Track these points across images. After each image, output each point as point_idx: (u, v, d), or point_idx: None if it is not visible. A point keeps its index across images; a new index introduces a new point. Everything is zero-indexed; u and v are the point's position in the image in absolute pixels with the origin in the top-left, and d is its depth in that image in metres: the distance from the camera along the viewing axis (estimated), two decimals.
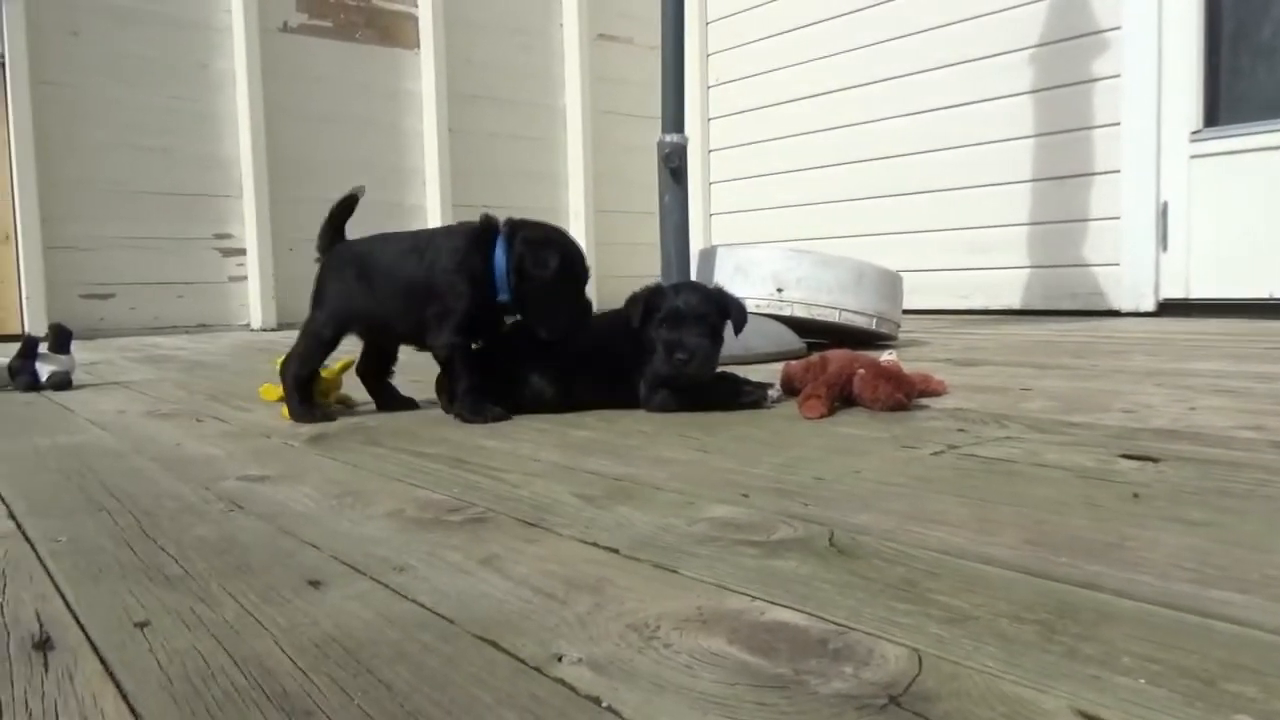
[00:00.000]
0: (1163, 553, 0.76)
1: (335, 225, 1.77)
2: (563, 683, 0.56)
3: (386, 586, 0.74)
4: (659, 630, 0.63)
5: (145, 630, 0.66)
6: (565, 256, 1.62)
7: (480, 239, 1.63)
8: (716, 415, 1.58)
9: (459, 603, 0.70)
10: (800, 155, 5.21)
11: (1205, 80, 3.74)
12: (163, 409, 1.90)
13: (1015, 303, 4.34)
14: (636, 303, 1.65)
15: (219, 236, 5.02)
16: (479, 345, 1.68)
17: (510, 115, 5.87)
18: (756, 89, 5.46)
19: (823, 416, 1.50)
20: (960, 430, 1.35)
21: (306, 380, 1.68)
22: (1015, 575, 0.72)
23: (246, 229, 5.02)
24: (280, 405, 1.74)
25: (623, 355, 1.67)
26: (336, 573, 0.78)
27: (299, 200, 5.14)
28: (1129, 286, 3.92)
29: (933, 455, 1.18)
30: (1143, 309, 3.87)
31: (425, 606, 0.69)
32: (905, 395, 1.54)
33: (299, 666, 0.59)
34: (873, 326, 2.70)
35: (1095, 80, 4.00)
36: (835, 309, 2.63)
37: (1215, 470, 1.05)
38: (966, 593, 0.68)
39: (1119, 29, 3.89)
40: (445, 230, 1.71)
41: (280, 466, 1.26)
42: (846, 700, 0.52)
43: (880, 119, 4.79)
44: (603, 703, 0.53)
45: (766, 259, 2.70)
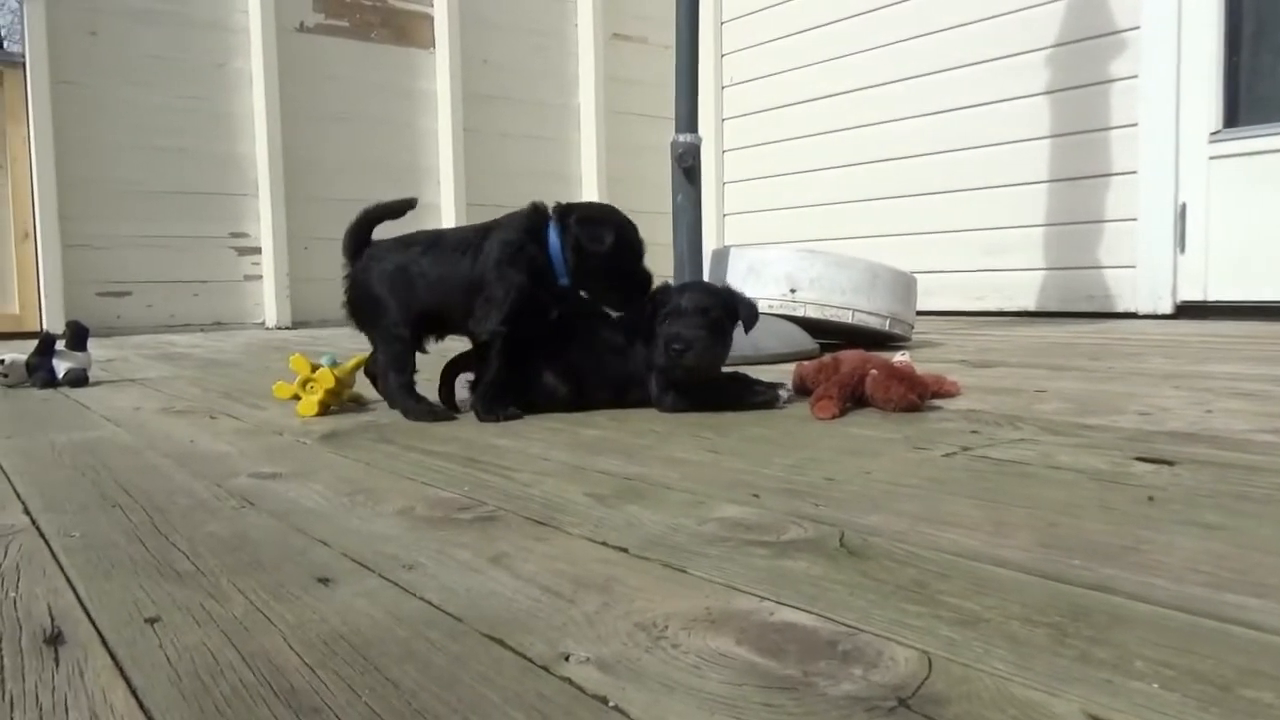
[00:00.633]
0: (1178, 556, 0.75)
1: (368, 229, 1.74)
2: (570, 682, 0.55)
3: (395, 584, 0.74)
4: (667, 630, 0.63)
5: (155, 626, 0.66)
6: (620, 230, 1.64)
7: (533, 227, 1.65)
8: (728, 415, 1.58)
9: (467, 601, 0.70)
10: (815, 156, 5.20)
11: (1225, 81, 3.71)
12: (177, 406, 1.91)
13: (1031, 304, 4.31)
14: (645, 302, 1.65)
15: (234, 235, 5.05)
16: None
17: (525, 115, 5.87)
18: (771, 89, 5.45)
19: (835, 417, 1.49)
20: (973, 432, 1.34)
21: (412, 384, 1.67)
22: (1028, 578, 0.71)
23: (262, 228, 5.05)
24: (293, 403, 1.74)
25: (635, 355, 1.67)
26: (346, 570, 0.78)
27: (314, 199, 5.16)
28: (1146, 288, 3.89)
29: (945, 457, 1.18)
30: (1160, 311, 3.84)
31: (434, 604, 0.69)
32: (918, 396, 1.53)
33: (307, 663, 0.59)
34: (886, 328, 2.68)
35: (1113, 81, 3.97)
36: (849, 310, 2.62)
37: (1232, 474, 1.04)
38: (978, 595, 0.68)
39: (1138, 29, 3.86)
40: (496, 224, 1.70)
41: (292, 464, 1.26)
42: (855, 702, 0.52)
43: (896, 119, 4.78)
44: (610, 702, 0.53)
45: (779, 259, 2.69)
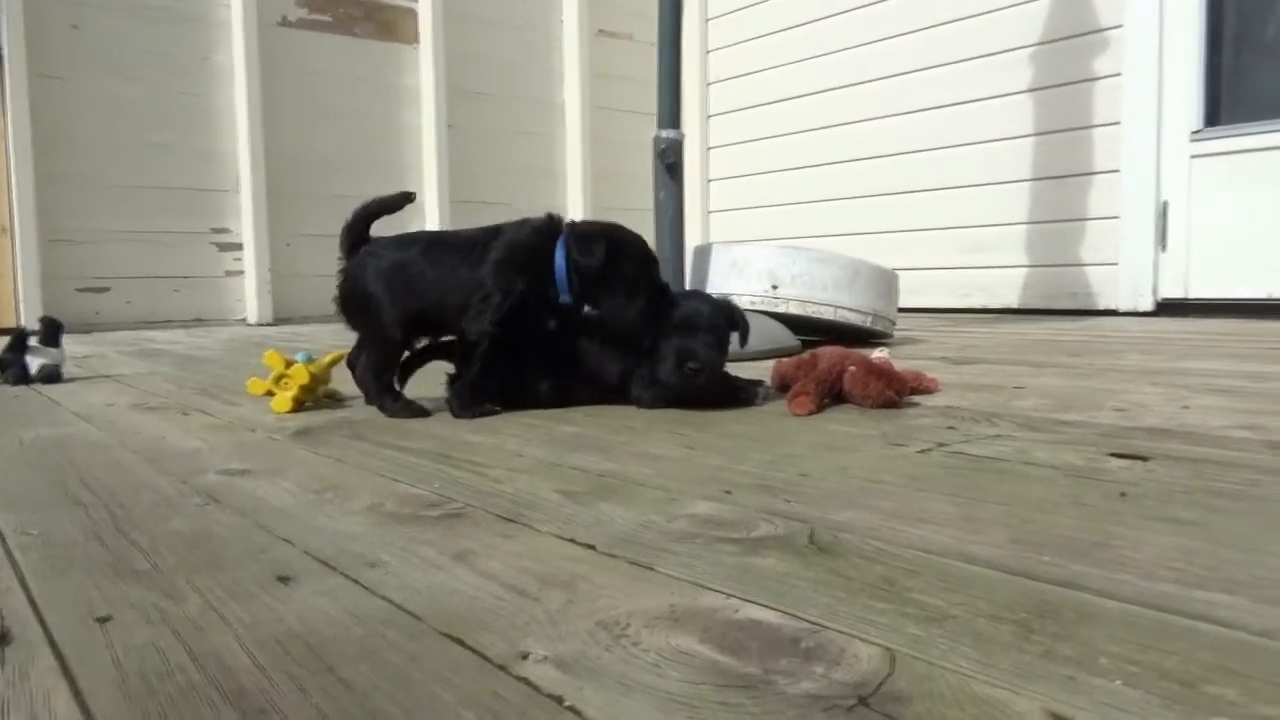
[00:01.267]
0: (1149, 552, 0.75)
1: (365, 224, 1.71)
2: (526, 681, 0.54)
3: (357, 582, 0.73)
4: (629, 628, 0.62)
5: (106, 625, 0.65)
6: (613, 245, 1.59)
7: (543, 238, 1.62)
8: (707, 412, 1.57)
9: (429, 599, 0.69)
10: (800, 153, 5.20)
11: (1206, 80, 3.72)
12: (150, 402, 1.89)
13: (1014, 302, 4.32)
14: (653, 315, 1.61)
15: (216, 231, 5.00)
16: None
17: (509, 111, 5.85)
18: (756, 86, 5.44)
19: (812, 413, 1.49)
20: (950, 428, 1.34)
21: (392, 383, 1.65)
22: (997, 574, 0.71)
23: (244, 224, 5.01)
24: (268, 399, 1.72)
25: (616, 353, 1.66)
26: (308, 568, 0.77)
27: (296, 195, 5.13)
28: (1128, 286, 3.90)
29: (921, 453, 1.17)
30: (1141, 309, 3.85)
31: (394, 603, 0.68)
32: (896, 392, 1.53)
33: (259, 664, 0.58)
34: (868, 324, 2.68)
35: (1096, 79, 3.98)
36: (830, 306, 2.62)
37: (1206, 469, 1.03)
38: (946, 592, 0.67)
39: (1120, 27, 3.87)
40: (505, 227, 1.67)
41: (262, 460, 1.24)
42: (814, 701, 0.51)
43: (881, 116, 4.78)
44: (565, 702, 0.52)
45: (761, 256, 2.68)
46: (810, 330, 2.70)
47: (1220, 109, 3.73)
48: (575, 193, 5.99)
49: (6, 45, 4.36)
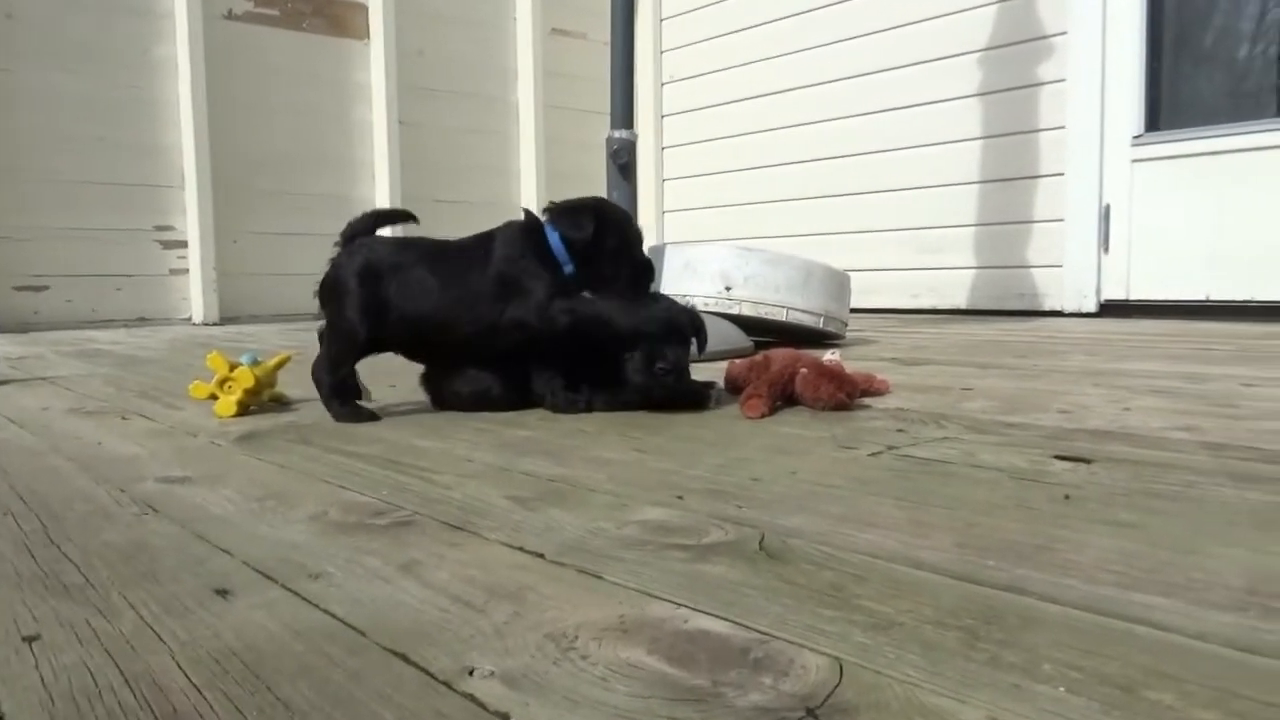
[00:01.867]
0: (1090, 555, 0.76)
1: (371, 227, 1.69)
2: (472, 698, 0.53)
3: (298, 595, 0.71)
4: (577, 641, 0.61)
5: (33, 645, 0.62)
6: (600, 215, 1.64)
7: (529, 229, 1.66)
8: (659, 415, 1.56)
9: (373, 612, 0.67)
10: (753, 153, 5.23)
11: (1147, 85, 3.82)
12: (89, 406, 1.83)
13: (963, 302, 4.39)
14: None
15: (160, 228, 4.88)
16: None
17: (462, 109, 5.79)
18: (710, 87, 5.46)
19: (764, 416, 1.49)
20: (900, 430, 1.35)
21: (345, 382, 1.62)
22: (943, 580, 0.71)
23: (188, 221, 4.89)
24: (210, 403, 1.68)
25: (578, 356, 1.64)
26: (247, 581, 0.75)
27: (243, 192, 5.02)
28: (1072, 287, 3.99)
29: (870, 456, 1.18)
30: (1085, 309, 3.94)
31: (336, 617, 0.66)
32: (847, 395, 1.54)
33: (193, 683, 0.56)
34: (820, 325, 2.70)
35: (1042, 84, 4.06)
36: (783, 308, 2.63)
37: (1145, 471, 1.05)
38: (894, 598, 0.67)
39: (1065, 34, 3.95)
40: (492, 232, 1.68)
41: (203, 467, 1.21)
42: (762, 713, 0.50)
43: (833, 119, 4.82)
44: (510, 718, 0.51)
45: (715, 257, 2.69)
46: (763, 331, 2.72)
47: (1160, 114, 3.83)
48: (530, 191, 5.95)
49: None
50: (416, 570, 0.76)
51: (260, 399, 1.70)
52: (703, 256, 2.71)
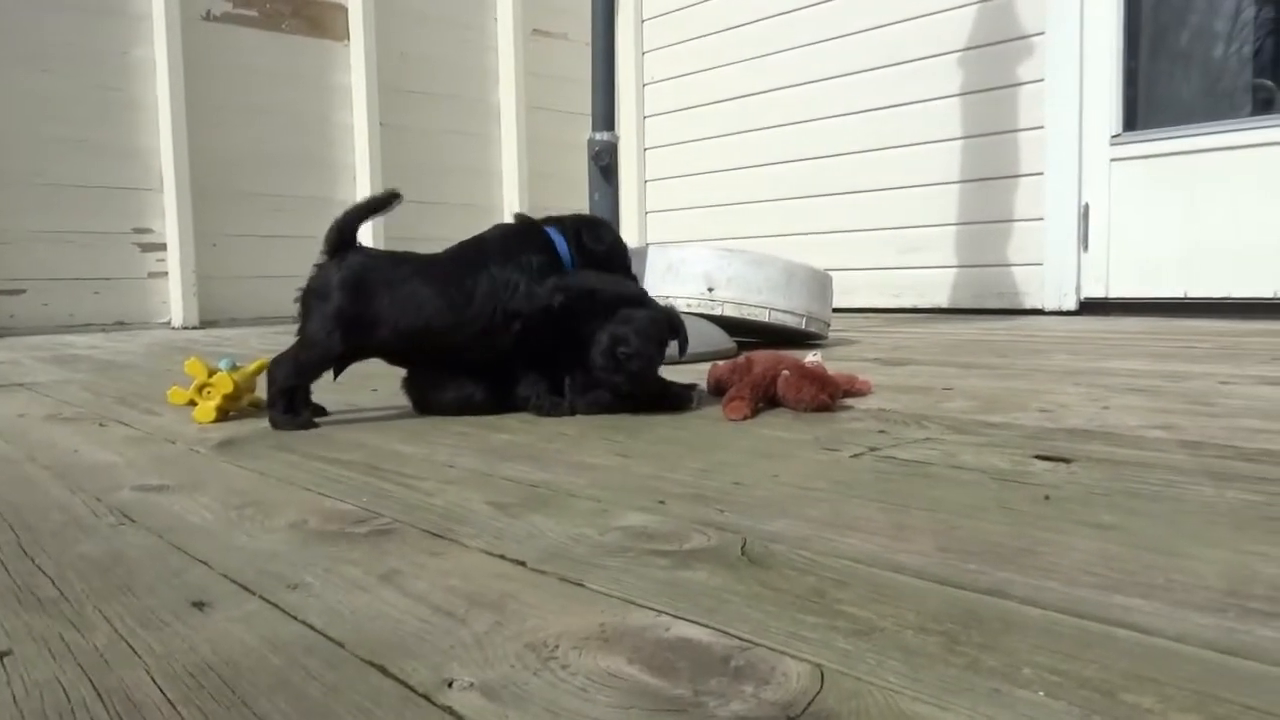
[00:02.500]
0: (1071, 557, 0.76)
1: (353, 225, 1.63)
2: (450, 711, 0.53)
3: (276, 607, 0.70)
4: (558, 650, 0.61)
5: (4, 660, 0.61)
6: (615, 232, 1.72)
7: (531, 227, 1.67)
8: (641, 417, 1.56)
9: (352, 623, 0.66)
10: (736, 154, 5.23)
11: (1124, 85, 3.85)
12: (65, 413, 1.81)
13: (945, 301, 4.42)
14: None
15: (138, 231, 4.83)
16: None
17: (443, 110, 5.77)
18: (692, 87, 5.46)
19: (746, 418, 1.49)
20: (881, 432, 1.35)
21: (295, 390, 1.57)
22: (925, 583, 0.71)
23: (167, 223, 4.84)
24: (189, 409, 1.67)
25: (557, 359, 1.64)
26: (225, 592, 0.74)
27: (223, 194, 4.98)
28: (1052, 286, 4.01)
29: (852, 458, 1.18)
30: (1065, 308, 3.97)
31: (315, 628, 0.66)
32: (829, 396, 1.54)
33: (168, 699, 0.55)
34: (803, 326, 2.71)
35: (1021, 84, 4.08)
36: (765, 309, 2.64)
37: (1125, 471, 1.06)
38: (875, 603, 0.67)
39: (1043, 34, 3.98)
40: (490, 230, 1.69)
41: (181, 475, 1.20)
42: None
43: (814, 119, 4.84)
44: None
45: (697, 258, 2.69)
46: (746, 332, 2.72)
47: (1138, 114, 3.87)
48: (512, 193, 5.94)
49: None
50: (396, 579, 0.76)
51: (239, 404, 1.69)
52: (685, 258, 2.71)
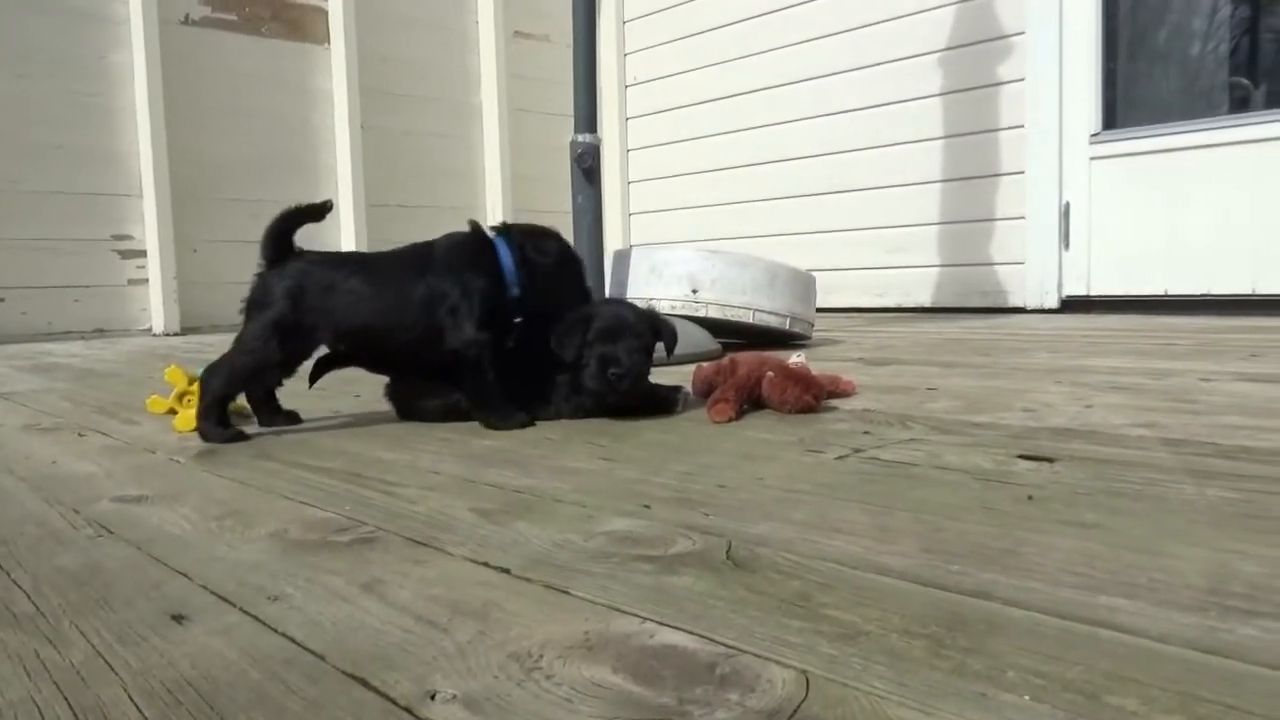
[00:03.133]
0: (1054, 558, 0.76)
1: (287, 231, 1.61)
2: None
3: (257, 619, 0.69)
4: (541, 660, 0.60)
5: None
6: (562, 242, 1.66)
7: (478, 239, 1.62)
8: (626, 421, 1.56)
9: (333, 635, 0.66)
10: (719, 155, 5.24)
11: (1103, 84, 3.88)
12: (44, 423, 1.79)
13: (928, 300, 4.43)
14: (573, 332, 1.57)
15: (117, 238, 4.79)
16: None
17: (425, 112, 5.75)
18: (675, 88, 5.47)
19: (731, 420, 1.49)
20: (866, 432, 1.36)
21: (224, 400, 1.54)
22: (910, 586, 0.71)
23: (147, 230, 4.80)
24: (170, 418, 1.65)
25: (538, 364, 1.63)
26: (204, 605, 0.73)
27: (203, 200, 4.94)
28: (1034, 284, 4.04)
29: (837, 459, 1.18)
30: (1047, 306, 3.99)
31: (295, 641, 0.65)
32: (814, 397, 1.54)
33: (145, 716, 0.54)
34: (786, 326, 2.71)
35: (1001, 84, 4.10)
36: (749, 310, 2.64)
37: (1108, 469, 1.06)
38: (860, 606, 0.67)
39: (1023, 34, 4.00)
40: (436, 241, 1.63)
41: (161, 485, 1.19)
42: None
43: (797, 119, 4.85)
44: None
45: (681, 260, 2.69)
46: (730, 333, 2.72)
47: (1117, 113, 3.89)
48: (495, 196, 5.92)
49: None
50: (379, 589, 0.75)
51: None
52: (669, 260, 2.71)
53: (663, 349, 1.66)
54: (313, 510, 1.02)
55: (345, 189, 5.36)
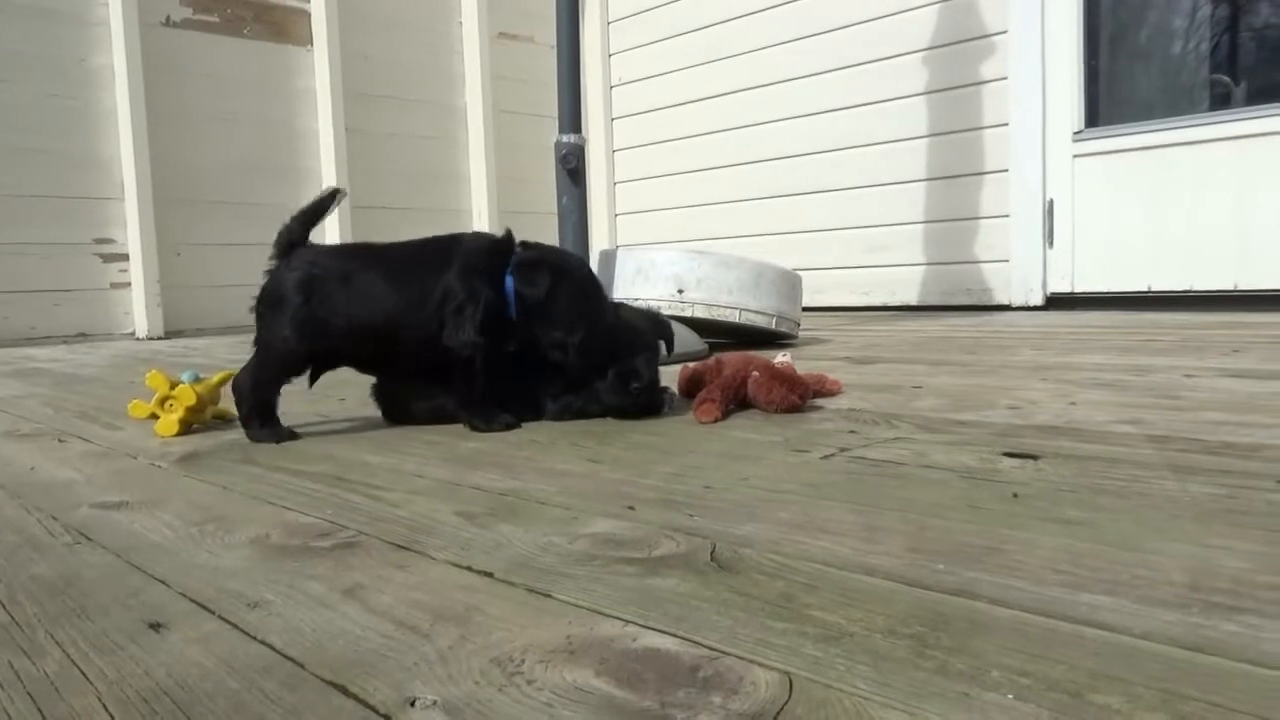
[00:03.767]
0: (1038, 555, 0.76)
1: (304, 229, 1.59)
2: None
3: (235, 626, 0.69)
4: (523, 664, 0.59)
5: None
6: (557, 276, 1.53)
7: (501, 252, 1.56)
8: (612, 422, 1.55)
9: (313, 642, 0.65)
10: (704, 155, 5.24)
11: (1086, 82, 3.90)
12: (23, 429, 1.77)
13: (913, 299, 4.45)
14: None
15: (99, 241, 4.75)
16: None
17: (410, 114, 5.73)
18: (660, 89, 5.46)
19: (717, 420, 1.49)
20: (852, 432, 1.35)
21: (267, 403, 1.53)
22: (894, 586, 0.71)
23: (129, 233, 4.77)
24: (151, 422, 1.64)
25: (525, 368, 1.62)
26: (182, 612, 0.72)
27: (186, 203, 4.91)
28: (1018, 282, 4.05)
29: (823, 459, 1.18)
30: (1031, 303, 4.01)
31: (274, 648, 0.64)
32: (799, 397, 1.54)
33: None
34: (773, 326, 2.71)
35: (985, 82, 4.12)
36: (735, 309, 2.64)
37: (1092, 466, 1.07)
38: (845, 607, 0.67)
39: (1005, 33, 4.02)
40: (461, 236, 1.60)
41: (142, 491, 1.17)
42: None
43: (781, 119, 4.85)
44: None
45: (667, 260, 2.69)
46: (716, 333, 2.72)
47: (1099, 111, 3.91)
48: (480, 197, 5.91)
49: None
50: (360, 594, 0.74)
51: (203, 417, 1.66)
52: (655, 260, 2.70)
53: (663, 349, 1.66)
54: (295, 515, 1.01)
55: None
